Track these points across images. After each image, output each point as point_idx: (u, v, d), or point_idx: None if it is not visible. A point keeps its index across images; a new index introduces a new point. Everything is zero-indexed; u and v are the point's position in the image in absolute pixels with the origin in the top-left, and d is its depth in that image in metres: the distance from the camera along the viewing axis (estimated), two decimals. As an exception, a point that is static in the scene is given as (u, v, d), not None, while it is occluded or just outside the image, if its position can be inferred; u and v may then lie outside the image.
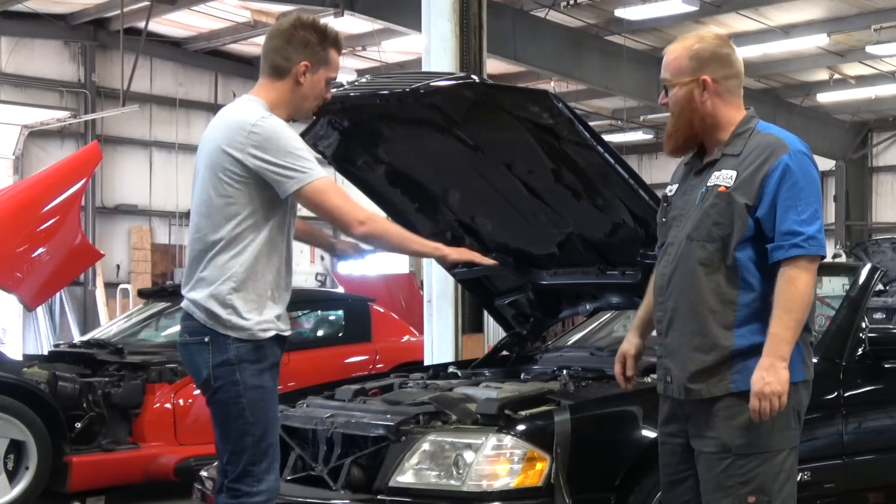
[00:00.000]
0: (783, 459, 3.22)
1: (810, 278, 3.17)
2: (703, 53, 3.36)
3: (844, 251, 19.84)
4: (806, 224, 3.17)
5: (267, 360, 3.42)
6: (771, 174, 3.21)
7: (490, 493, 3.73)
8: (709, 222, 3.26)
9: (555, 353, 5.43)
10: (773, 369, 3.11)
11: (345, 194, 3.41)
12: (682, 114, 3.38)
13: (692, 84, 3.35)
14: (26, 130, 17.12)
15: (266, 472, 3.42)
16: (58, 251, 7.20)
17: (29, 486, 6.47)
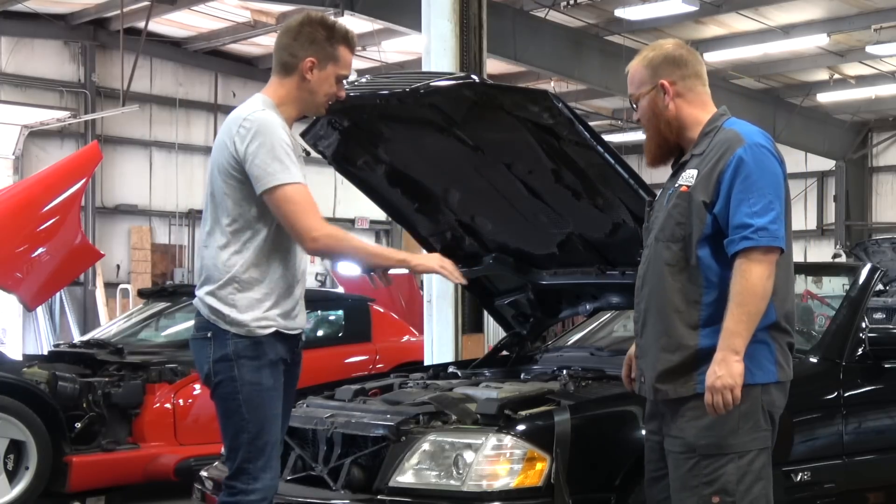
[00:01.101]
0: (750, 461, 3.22)
1: (763, 270, 3.15)
2: (657, 59, 3.41)
3: (844, 251, 19.82)
4: (757, 216, 3.16)
5: (266, 356, 3.41)
6: (726, 169, 3.22)
7: (490, 493, 3.73)
8: (672, 223, 3.30)
9: (555, 353, 5.43)
10: (724, 363, 3.12)
11: (310, 208, 3.37)
12: (649, 123, 3.42)
13: (652, 91, 3.39)
14: (26, 130, 17.12)
15: (262, 470, 3.41)
16: (58, 251, 7.20)
17: (29, 486, 6.47)
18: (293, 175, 3.35)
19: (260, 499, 3.41)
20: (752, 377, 3.20)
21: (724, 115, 3.41)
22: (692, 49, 3.52)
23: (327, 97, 3.56)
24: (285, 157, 3.35)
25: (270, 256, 3.43)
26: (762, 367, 3.23)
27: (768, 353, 3.25)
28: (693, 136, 3.38)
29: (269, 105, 3.48)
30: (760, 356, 3.23)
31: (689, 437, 3.25)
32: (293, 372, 3.61)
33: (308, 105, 3.56)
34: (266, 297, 3.42)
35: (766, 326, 3.24)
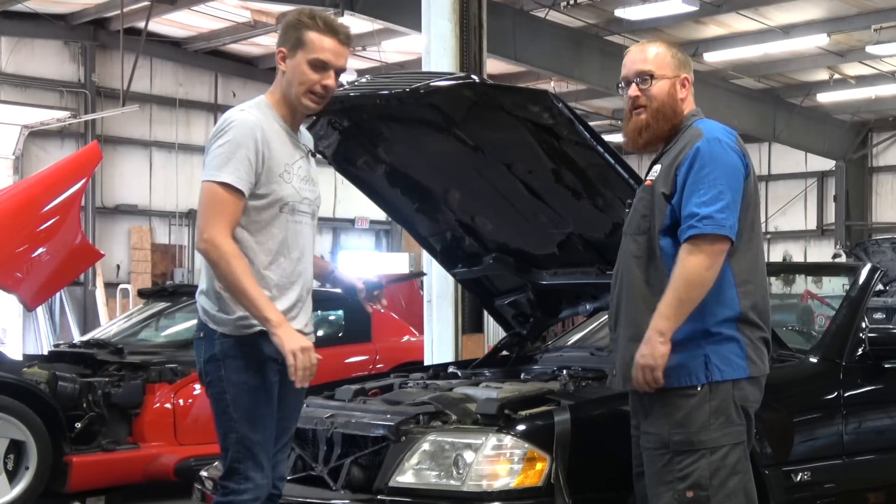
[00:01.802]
0: (723, 456, 3.29)
1: (703, 259, 3.21)
2: (681, 56, 3.57)
3: (844, 251, 19.83)
4: (705, 205, 3.23)
5: (252, 356, 3.38)
6: (683, 161, 3.31)
7: (490, 493, 3.73)
8: (637, 216, 3.42)
9: (555, 353, 5.42)
10: (649, 343, 3.23)
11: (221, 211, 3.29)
12: (661, 108, 3.49)
13: (675, 79, 3.50)
14: (26, 130, 17.12)
15: (252, 469, 3.38)
16: (58, 251, 7.20)
17: (29, 486, 6.47)
18: (226, 176, 3.29)
19: (252, 498, 3.39)
20: (720, 374, 3.29)
21: (696, 116, 3.52)
22: None
23: (303, 86, 3.43)
24: (230, 155, 3.30)
25: (255, 256, 3.40)
26: (730, 364, 3.30)
27: (737, 348, 3.31)
28: (667, 128, 3.50)
29: (261, 105, 3.46)
30: (728, 352, 3.30)
31: (663, 433, 3.33)
32: None
33: (290, 99, 3.46)
34: None
35: (732, 319, 3.31)
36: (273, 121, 3.46)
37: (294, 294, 3.49)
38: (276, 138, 3.43)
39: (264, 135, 3.39)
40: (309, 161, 3.59)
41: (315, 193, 3.61)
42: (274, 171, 3.40)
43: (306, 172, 3.55)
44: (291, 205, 3.46)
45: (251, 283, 3.29)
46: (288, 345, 3.25)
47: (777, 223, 24.33)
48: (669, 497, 3.30)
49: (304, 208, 3.53)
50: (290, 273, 3.48)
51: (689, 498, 3.27)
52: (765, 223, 24.30)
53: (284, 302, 3.45)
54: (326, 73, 3.43)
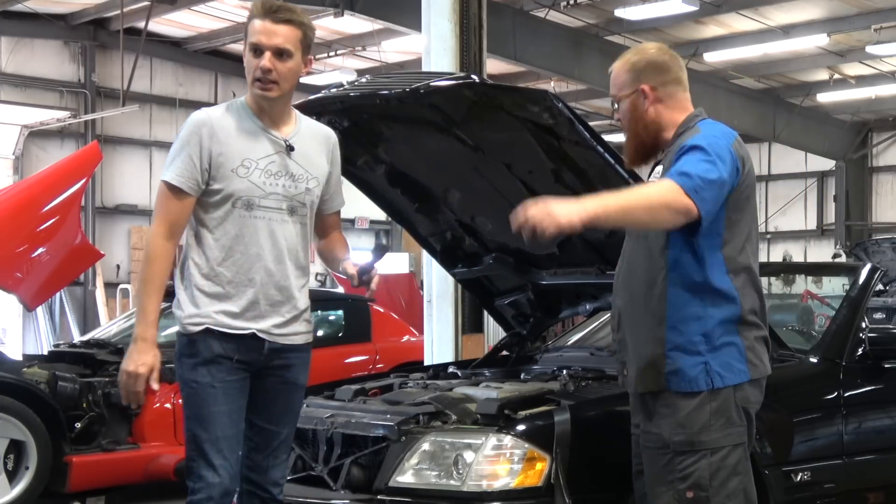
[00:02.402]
0: (723, 457, 3.29)
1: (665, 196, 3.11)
2: (639, 64, 3.46)
3: (844, 251, 19.83)
4: (689, 164, 3.17)
5: (200, 354, 3.34)
6: (677, 153, 3.29)
7: (490, 493, 3.73)
8: None
9: (555, 353, 5.42)
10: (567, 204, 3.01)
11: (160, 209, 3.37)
12: (629, 125, 3.50)
13: (633, 95, 3.45)
14: (26, 130, 17.12)
15: (204, 468, 3.32)
16: (58, 251, 7.20)
17: (29, 486, 6.47)
18: (169, 175, 3.35)
19: (205, 498, 3.32)
20: (721, 380, 3.28)
21: (699, 116, 3.47)
22: (674, 54, 3.56)
23: (249, 76, 3.39)
24: (180, 153, 3.34)
25: (217, 253, 3.38)
26: (731, 369, 3.30)
27: (736, 353, 3.31)
28: (668, 138, 3.45)
29: (234, 104, 3.46)
30: (728, 358, 3.30)
31: (664, 434, 3.32)
32: (280, 376, 3.50)
33: (251, 89, 3.41)
34: (209, 294, 3.37)
35: (732, 321, 3.30)
36: (240, 118, 3.41)
37: (252, 292, 3.39)
38: (235, 134, 3.38)
39: (214, 132, 3.35)
40: (287, 156, 3.45)
41: (297, 189, 3.46)
42: (226, 166, 3.35)
43: (280, 168, 3.43)
44: (247, 200, 3.37)
45: (151, 289, 3.32)
46: (123, 363, 3.29)
47: (777, 223, 24.33)
48: (670, 497, 3.31)
49: (268, 204, 3.41)
50: (248, 270, 3.38)
51: (689, 498, 3.27)
52: (765, 223, 24.29)
53: (241, 300, 3.37)
54: (262, 56, 3.36)
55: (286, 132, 3.48)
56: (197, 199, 3.38)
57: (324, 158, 3.57)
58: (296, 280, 3.48)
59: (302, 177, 3.48)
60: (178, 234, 3.40)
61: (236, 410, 3.40)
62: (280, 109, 3.46)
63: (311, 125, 3.61)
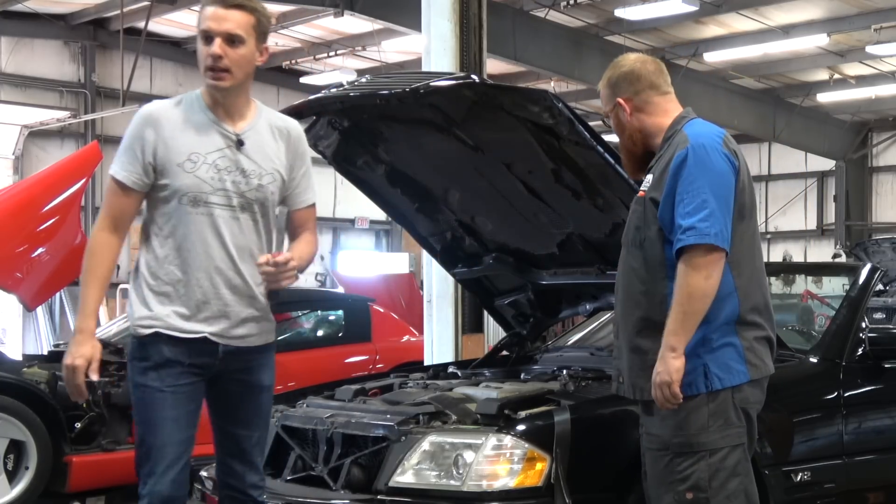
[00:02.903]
0: (722, 458, 3.29)
1: (699, 270, 3.19)
2: (613, 78, 3.53)
3: (844, 251, 19.83)
4: (688, 216, 3.22)
5: (150, 358, 3.26)
6: (670, 170, 3.29)
7: (490, 493, 3.73)
8: (632, 228, 3.43)
9: (555, 353, 5.42)
10: (663, 360, 3.22)
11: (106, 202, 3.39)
12: (619, 137, 3.57)
13: (615, 109, 3.51)
14: (26, 130, 17.12)
15: (147, 475, 3.25)
16: (58, 251, 7.19)
17: (29, 486, 6.47)
18: (114, 169, 3.33)
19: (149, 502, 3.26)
20: (720, 382, 3.29)
21: (686, 118, 3.45)
22: (652, 59, 3.57)
23: (201, 65, 3.28)
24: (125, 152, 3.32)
25: (165, 251, 3.29)
26: (729, 370, 3.30)
27: (735, 353, 3.31)
28: (658, 143, 3.46)
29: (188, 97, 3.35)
30: (726, 359, 3.30)
31: (664, 436, 3.33)
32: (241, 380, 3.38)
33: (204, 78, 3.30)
34: (158, 293, 3.28)
35: (731, 322, 3.31)
36: (191, 111, 3.31)
37: (200, 292, 3.28)
38: (182, 128, 3.28)
39: (160, 125, 3.26)
40: (237, 151, 3.32)
41: (249, 185, 3.32)
42: (172, 160, 3.24)
43: (230, 163, 3.30)
44: (193, 196, 3.25)
45: (91, 280, 3.25)
46: (65, 357, 3.20)
47: (777, 223, 24.34)
48: (670, 499, 3.31)
49: (216, 200, 3.27)
50: (196, 269, 3.27)
51: (688, 499, 3.27)
52: (765, 223, 24.30)
53: (189, 301, 3.27)
54: (212, 43, 3.24)
55: (240, 126, 3.34)
56: (147, 195, 3.32)
57: (282, 153, 3.41)
58: (252, 279, 3.33)
59: (254, 172, 3.33)
60: (122, 228, 3.33)
61: (185, 416, 3.28)
62: (234, 101, 3.32)
63: (271, 118, 3.44)
